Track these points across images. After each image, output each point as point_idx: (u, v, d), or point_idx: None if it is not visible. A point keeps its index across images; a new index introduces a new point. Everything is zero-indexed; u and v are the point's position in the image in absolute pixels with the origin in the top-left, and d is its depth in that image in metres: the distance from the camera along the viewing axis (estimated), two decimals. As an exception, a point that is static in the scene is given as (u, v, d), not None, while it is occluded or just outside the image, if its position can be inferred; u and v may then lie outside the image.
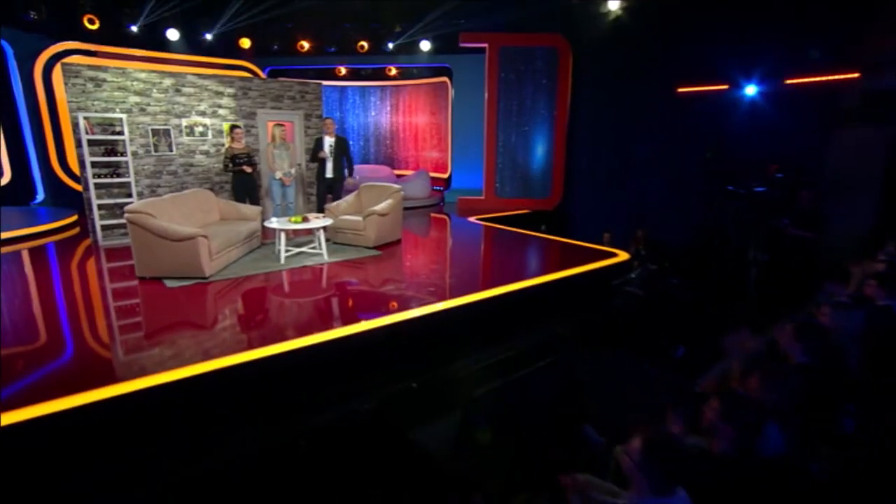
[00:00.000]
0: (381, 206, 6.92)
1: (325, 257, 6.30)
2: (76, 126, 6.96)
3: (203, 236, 5.30)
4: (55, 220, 8.21)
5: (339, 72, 12.48)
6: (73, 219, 8.54)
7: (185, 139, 7.77)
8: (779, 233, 6.20)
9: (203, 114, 7.86)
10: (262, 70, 11.67)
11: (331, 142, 7.43)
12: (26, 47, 9.25)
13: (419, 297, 4.94)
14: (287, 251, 6.35)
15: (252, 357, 3.63)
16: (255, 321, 4.47)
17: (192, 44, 10.29)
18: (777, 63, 7.11)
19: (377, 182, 10.22)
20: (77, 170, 8.62)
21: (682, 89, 8.39)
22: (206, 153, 7.99)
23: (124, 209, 5.33)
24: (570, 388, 3.58)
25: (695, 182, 8.37)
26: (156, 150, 7.55)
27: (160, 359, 3.63)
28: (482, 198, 10.60)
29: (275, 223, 6.20)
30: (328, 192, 7.67)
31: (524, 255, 7.25)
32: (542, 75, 10.09)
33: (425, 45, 10.83)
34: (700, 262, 7.89)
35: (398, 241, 7.36)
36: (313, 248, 6.61)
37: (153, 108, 7.49)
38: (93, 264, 6.36)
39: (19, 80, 9.36)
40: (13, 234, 7.36)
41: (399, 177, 12.32)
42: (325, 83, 10.09)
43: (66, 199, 9.39)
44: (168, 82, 7.58)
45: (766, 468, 2.20)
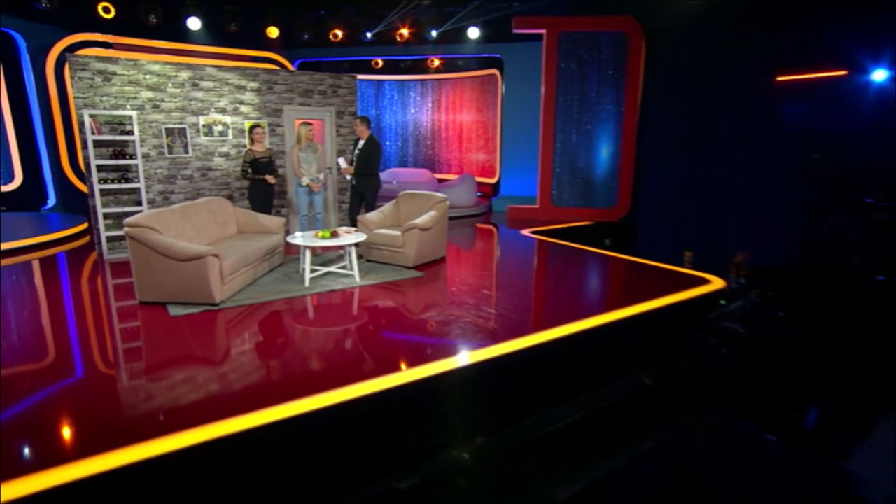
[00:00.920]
0: (424, 218, 6.30)
1: (357, 279, 5.74)
2: (82, 125, 6.60)
3: (213, 255, 4.76)
4: (63, 229, 8.03)
5: (376, 64, 12.00)
6: (83, 227, 8.37)
7: (202, 139, 7.41)
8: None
9: (223, 111, 7.50)
10: (292, 63, 11.34)
11: (360, 145, 6.85)
12: (39, 40, 9.12)
13: (470, 336, 4.23)
14: (313, 270, 5.78)
15: (259, 422, 2.99)
16: (267, 365, 3.86)
17: (216, 33, 9.99)
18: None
19: (418, 190, 9.70)
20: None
21: (783, 77, 7.44)
22: (226, 155, 7.62)
23: (123, 222, 4.84)
24: (685, 483, 2.80)
25: (795, 190, 7.38)
26: (170, 152, 7.21)
27: (146, 418, 3.04)
28: (536, 207, 10.07)
29: (299, 239, 5.65)
30: (360, 202, 7.09)
31: (590, 279, 6.46)
32: (608, 65, 9.41)
33: (473, 32, 10.20)
34: (807, 288, 6.89)
35: (442, 260, 6.78)
36: (343, 267, 6.07)
37: (167, 105, 7.14)
38: (92, 282, 5.96)
39: (32, 75, 9.22)
40: (15, 244, 7.11)
41: (441, 182, 11.79)
42: (360, 77, 9.58)
43: (77, 204, 9.18)
44: (185, 75, 7.20)
45: None
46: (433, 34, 10.42)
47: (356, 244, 5.86)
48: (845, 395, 3.96)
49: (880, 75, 6.42)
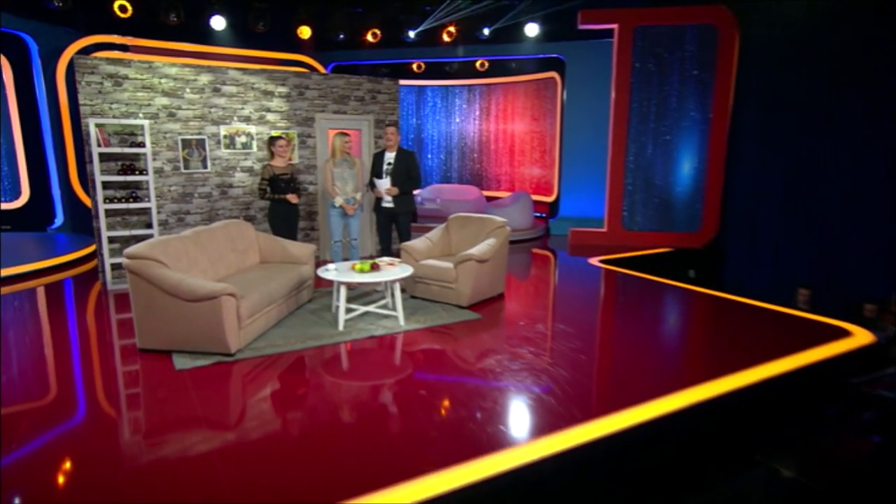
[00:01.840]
0: (481, 248, 5.65)
1: (401, 322, 5.10)
2: (87, 135, 6.21)
3: (230, 294, 4.16)
4: (68, 252, 7.76)
5: (419, 67, 11.56)
6: (91, 249, 8.07)
7: (223, 152, 7.05)
8: None
9: (247, 119, 7.16)
10: (324, 67, 10.98)
11: (390, 158, 6.23)
12: (51, 42, 8.95)
13: (545, 411, 3.45)
14: (348, 310, 5.15)
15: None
16: (288, 439, 3.16)
17: (242, 34, 9.70)
18: None
19: (463, 208, 9.12)
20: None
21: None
22: (249, 170, 7.25)
23: (124, 253, 4.29)
24: None
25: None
26: (186, 167, 6.85)
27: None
28: (603, 230, 9.48)
29: (332, 273, 5.02)
30: (390, 227, 6.52)
31: (688, 327, 5.60)
32: (693, 64, 8.73)
33: (532, 29, 9.58)
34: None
35: (500, 297, 6.12)
36: (384, 306, 5.45)
37: (185, 113, 6.79)
38: (90, 319, 5.47)
39: (42, 82, 9.02)
40: (14, 270, 6.81)
41: (490, 200, 11.14)
42: (401, 82, 9.07)
43: (87, 224, 8.89)
44: (205, 79, 6.83)
45: None
46: (485, 32, 9.83)
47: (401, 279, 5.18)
48: None
49: None
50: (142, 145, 6.43)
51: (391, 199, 6.27)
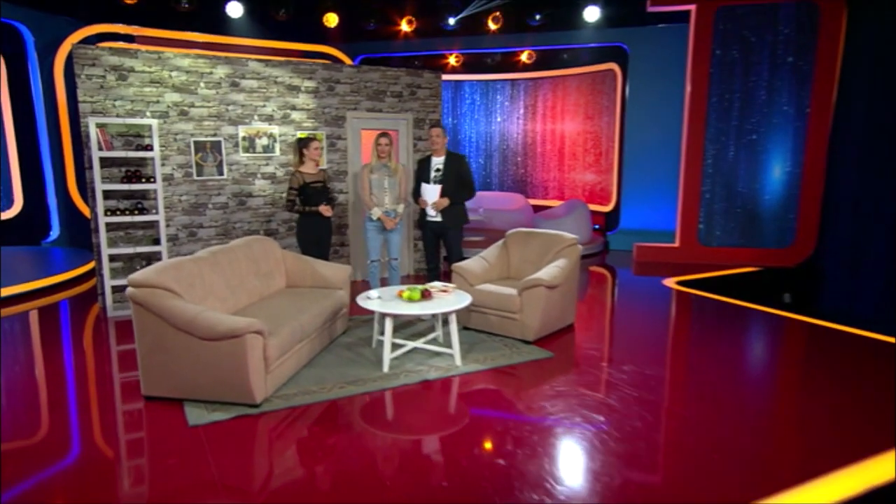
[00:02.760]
0: (550, 271, 5.15)
1: (458, 362, 4.59)
2: (87, 137, 5.86)
3: (256, 332, 3.67)
4: (65, 270, 7.48)
5: (457, 60, 11.15)
6: (90, 265, 7.84)
7: (241, 156, 6.73)
8: None
9: (270, 119, 6.83)
10: (352, 59, 10.65)
11: (438, 164, 5.78)
12: (49, 33, 8.69)
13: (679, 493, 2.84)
14: (394, 346, 4.65)
15: None
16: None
17: (262, 23, 9.43)
18: None
19: (515, 225, 8.66)
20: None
21: None
22: (272, 177, 6.92)
23: (127, 280, 3.82)
24: None
25: None
26: (199, 173, 6.54)
27: None
28: (675, 245, 9.12)
29: (376, 303, 4.53)
30: (437, 244, 6.10)
31: (814, 371, 4.91)
32: (787, 49, 8.26)
33: (592, 13, 9.01)
34: None
35: (570, 328, 5.61)
36: (434, 340, 5.00)
37: (198, 111, 6.46)
38: (87, 354, 5.03)
39: (39, 78, 8.74)
40: (5, 291, 6.51)
41: (538, 210, 10.62)
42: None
43: (86, 235, 8.58)
44: (221, 72, 6.52)
45: None
46: (536, 17, 9.30)
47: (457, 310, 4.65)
48: None
49: None
50: (149, 148, 6.07)
51: (437, 211, 5.82)
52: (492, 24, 9.57)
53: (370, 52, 10.71)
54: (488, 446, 3.39)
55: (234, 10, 8.88)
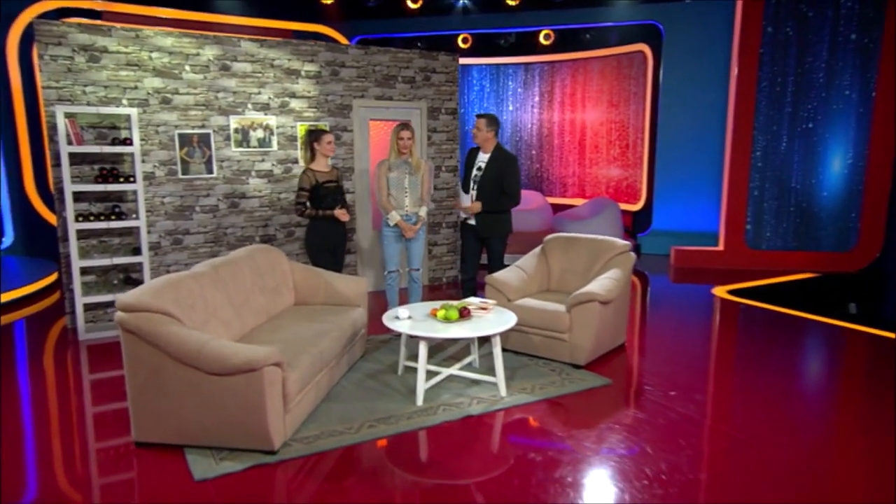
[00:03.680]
0: (603, 284, 4.92)
1: (503, 392, 4.33)
2: (53, 129, 5.61)
3: (275, 364, 3.36)
4: (22, 284, 7.16)
5: (465, 41, 10.96)
6: (52, 278, 7.65)
7: (233, 151, 6.53)
8: None
9: (265, 108, 6.64)
10: (350, 40, 10.50)
11: (482, 162, 5.63)
12: (4, 8, 8.32)
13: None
14: (427, 374, 4.33)
15: None
16: None
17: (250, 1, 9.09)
18: None
19: (532, 226, 8.47)
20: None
21: None
22: (268, 175, 6.74)
23: (115, 302, 3.48)
24: None
25: None
26: (185, 171, 6.32)
27: None
28: (719, 249, 9.08)
29: (405, 324, 4.30)
30: (478, 252, 5.87)
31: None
32: (850, 25, 8.23)
33: (623, -12, 8.83)
34: None
35: (621, 348, 5.42)
36: (469, 365, 4.77)
37: (183, 99, 6.22)
38: (53, 387, 4.67)
39: (-9, 61, 8.39)
40: None
41: (557, 210, 10.60)
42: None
43: (48, 243, 8.32)
44: (210, 54, 6.31)
45: None
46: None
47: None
48: None
49: None
50: (128, 142, 5.78)
51: (472, 215, 5.60)
52: (510, 0, 9.32)
53: (369, 33, 10.57)
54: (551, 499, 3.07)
55: (217, -17, 8.59)
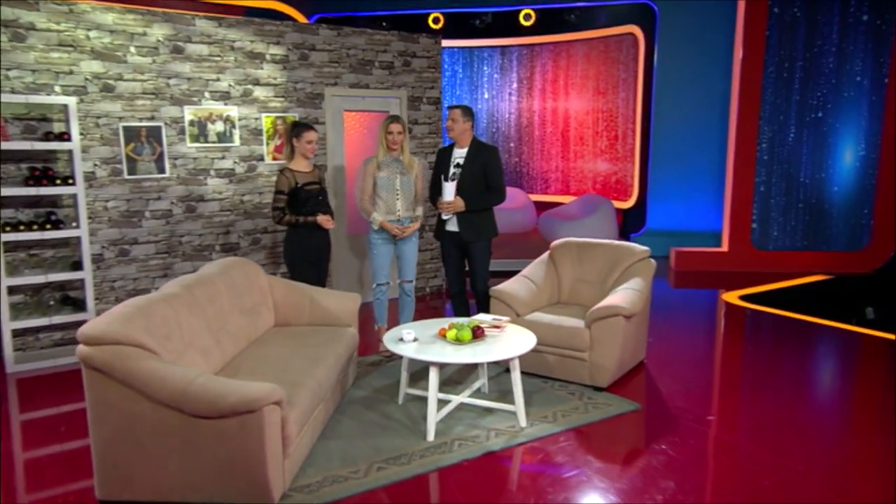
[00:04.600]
0: (627, 296, 4.92)
1: (523, 422, 4.23)
2: None
3: (276, 403, 3.18)
4: None
5: (437, 21, 10.95)
6: None
7: (188, 147, 6.45)
8: None
9: (225, 97, 6.57)
10: (308, 18, 10.44)
11: (460, 157, 5.54)
12: None
13: None
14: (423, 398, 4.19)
15: None
16: None
17: None
18: None
19: (516, 226, 8.72)
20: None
21: None
22: (230, 175, 6.66)
23: (78, 335, 3.21)
24: None
25: None
26: (132, 171, 6.14)
27: None
28: (722, 250, 9.27)
29: (411, 347, 4.20)
30: (461, 262, 5.79)
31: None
32: (860, 7, 8.41)
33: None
34: None
35: (641, 365, 5.44)
36: (478, 392, 4.71)
37: (128, 86, 6.04)
38: None
39: None
40: None
41: (541, 208, 10.71)
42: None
43: None
44: (159, 33, 6.13)
45: None
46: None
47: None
48: None
49: None
50: (65, 137, 5.53)
51: (451, 215, 5.45)
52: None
53: (329, 11, 10.50)
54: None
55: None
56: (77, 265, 5.64)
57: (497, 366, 5.10)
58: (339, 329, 4.70)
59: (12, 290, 5.54)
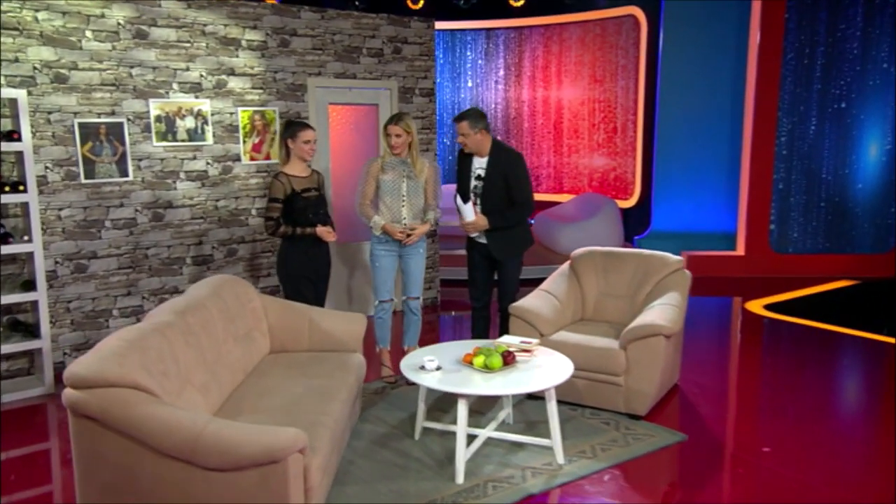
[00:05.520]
0: (665, 313, 4.91)
1: (560, 459, 4.16)
2: None
3: (299, 451, 3.04)
4: None
5: (416, 0, 10.95)
6: None
7: (154, 146, 6.40)
8: None
9: (197, 89, 6.53)
10: None
11: (480, 167, 5.43)
12: None
13: None
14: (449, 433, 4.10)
15: None
16: None
17: None
18: None
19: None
20: None
21: None
22: (203, 177, 6.63)
23: (65, 377, 3.03)
24: None
25: None
26: (89, 175, 6.06)
27: None
28: (738, 253, 9.45)
29: (434, 377, 4.11)
30: (490, 274, 5.73)
31: None
32: None
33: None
34: None
35: (675, 389, 5.46)
36: (503, 424, 4.63)
37: (84, 76, 6.00)
38: None
39: None
40: None
41: (541, 208, 10.66)
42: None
43: None
44: (119, 15, 6.04)
45: None
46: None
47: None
48: None
49: None
50: (14, 137, 5.35)
51: (485, 236, 5.42)
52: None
53: None
54: None
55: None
56: (29, 285, 5.45)
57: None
58: (343, 355, 4.61)
59: (-47, 315, 5.37)
